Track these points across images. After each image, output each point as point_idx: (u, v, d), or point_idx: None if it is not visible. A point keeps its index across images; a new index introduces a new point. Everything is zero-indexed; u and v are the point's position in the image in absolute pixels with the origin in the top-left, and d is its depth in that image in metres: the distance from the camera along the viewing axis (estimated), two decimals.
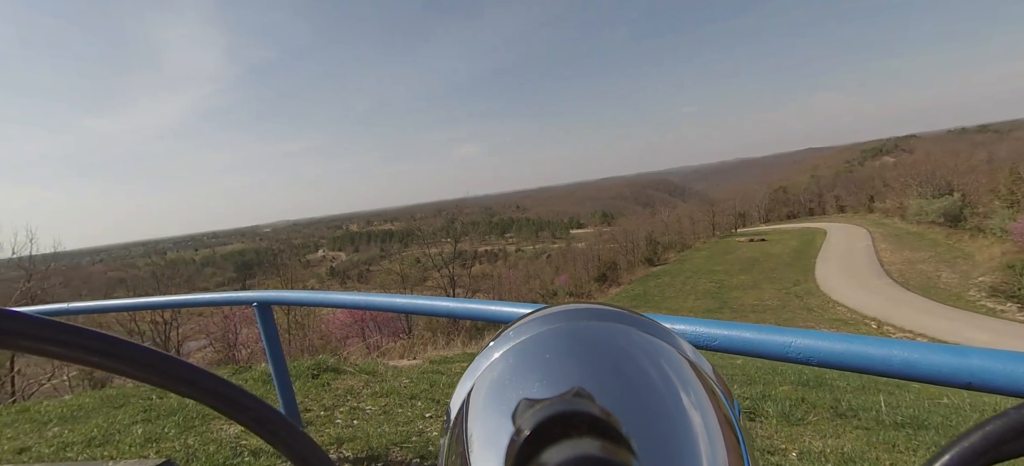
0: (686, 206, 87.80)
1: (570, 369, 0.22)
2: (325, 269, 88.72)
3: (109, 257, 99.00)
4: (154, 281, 29.14)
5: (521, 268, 50.61)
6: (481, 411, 0.22)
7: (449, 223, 42.17)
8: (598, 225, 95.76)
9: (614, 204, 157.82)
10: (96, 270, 44.05)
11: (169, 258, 67.99)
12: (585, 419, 0.13)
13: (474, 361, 0.27)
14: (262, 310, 2.24)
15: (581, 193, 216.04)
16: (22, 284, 16.31)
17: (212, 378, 0.28)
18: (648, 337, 0.25)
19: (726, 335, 1.01)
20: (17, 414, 4.02)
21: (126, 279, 32.66)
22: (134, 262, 62.75)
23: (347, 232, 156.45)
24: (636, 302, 28.18)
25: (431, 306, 1.82)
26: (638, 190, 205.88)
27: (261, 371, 4.50)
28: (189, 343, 21.49)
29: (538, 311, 0.29)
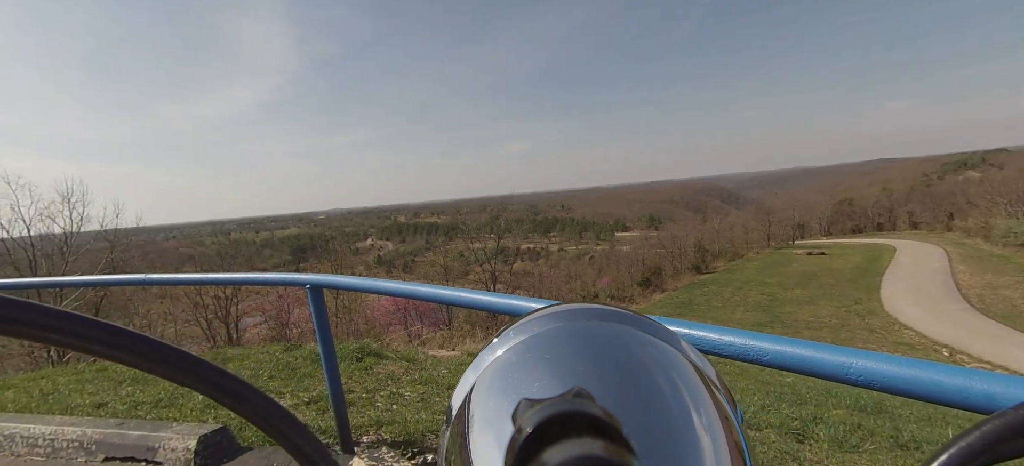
0: (739, 214, 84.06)
1: (571, 369, 0.22)
2: (373, 257, 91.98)
3: (181, 234, 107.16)
4: (218, 259, 31.33)
5: (563, 268, 50.28)
6: (482, 409, 0.22)
7: (493, 219, 42.52)
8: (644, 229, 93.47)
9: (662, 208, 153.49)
10: (169, 246, 47.79)
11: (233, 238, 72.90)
12: (585, 419, 0.13)
13: (477, 357, 0.27)
14: (314, 293, 2.35)
15: (628, 196, 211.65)
16: (107, 254, 17.97)
17: (216, 371, 0.27)
18: (651, 339, 0.25)
19: (778, 350, 0.95)
20: (97, 372, 4.43)
21: (194, 256, 35.25)
22: (202, 240, 67.67)
23: (395, 223, 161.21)
24: (681, 310, 27.33)
25: (472, 299, 1.84)
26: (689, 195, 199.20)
27: (310, 350, 4.73)
28: (246, 319, 22.94)
29: (541, 310, 0.29)
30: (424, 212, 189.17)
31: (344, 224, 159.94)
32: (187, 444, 2.47)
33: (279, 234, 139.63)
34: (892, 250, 39.33)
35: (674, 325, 1.11)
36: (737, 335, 1.02)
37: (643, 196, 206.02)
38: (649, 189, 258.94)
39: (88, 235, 17.63)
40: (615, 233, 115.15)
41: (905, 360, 0.85)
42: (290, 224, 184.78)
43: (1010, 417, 0.20)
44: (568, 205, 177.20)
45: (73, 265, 16.27)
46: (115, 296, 17.66)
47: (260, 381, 3.74)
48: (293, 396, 3.42)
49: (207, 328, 21.11)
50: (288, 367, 4.15)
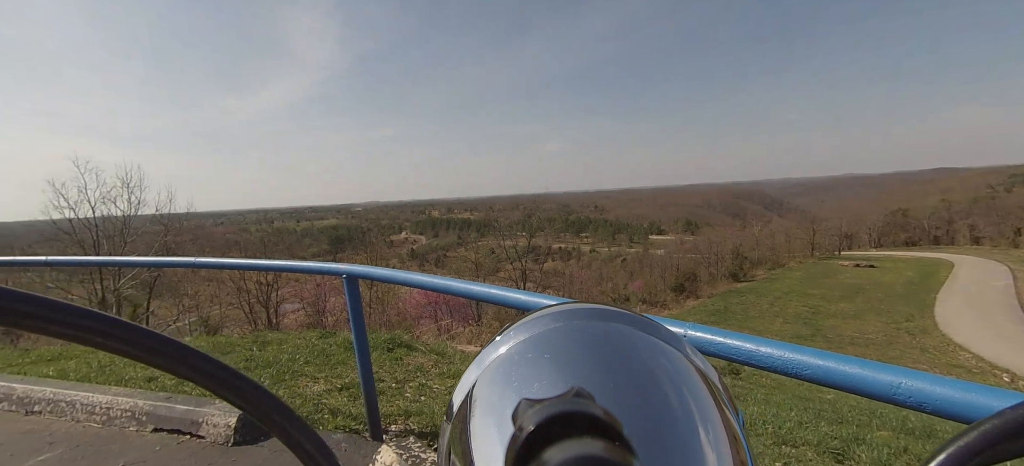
0: (782, 221, 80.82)
1: (572, 368, 0.22)
2: (406, 251, 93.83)
3: (228, 221, 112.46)
4: (262, 246, 32.72)
5: (594, 269, 49.76)
6: (483, 406, 0.22)
7: (526, 217, 42.52)
8: (680, 233, 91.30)
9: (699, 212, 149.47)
10: (217, 231, 50.27)
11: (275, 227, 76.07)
12: (586, 419, 0.13)
13: (479, 354, 0.27)
14: (350, 282, 2.41)
15: (664, 198, 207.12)
16: (161, 237, 19.08)
17: (219, 365, 0.27)
18: (653, 340, 0.25)
19: (820, 365, 0.91)
20: None
21: (240, 242, 36.96)
22: (247, 227, 70.82)
23: (429, 218, 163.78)
24: (715, 318, 26.55)
25: (501, 296, 1.85)
26: (728, 200, 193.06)
27: (344, 338, 4.87)
28: (285, 305, 23.87)
29: (545, 309, 0.29)
30: (457, 208, 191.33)
31: (380, 217, 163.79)
32: (228, 421, 2.60)
33: (318, 224, 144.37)
34: (949, 265, 36.87)
35: (711, 333, 1.08)
36: (776, 347, 0.98)
37: (679, 199, 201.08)
38: (686, 192, 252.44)
39: (144, 218, 18.78)
40: (649, 236, 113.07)
41: (961, 383, 0.79)
42: (329, 215, 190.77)
43: (1008, 417, 0.20)
44: (602, 206, 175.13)
45: (131, 246, 17.38)
46: (167, 277, 18.73)
47: (296, 365, 3.88)
48: (326, 381, 3.53)
49: (249, 312, 22.10)
50: (323, 353, 4.29)
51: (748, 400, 5.10)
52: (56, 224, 16.45)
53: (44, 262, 3.91)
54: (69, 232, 16.50)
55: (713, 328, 1.09)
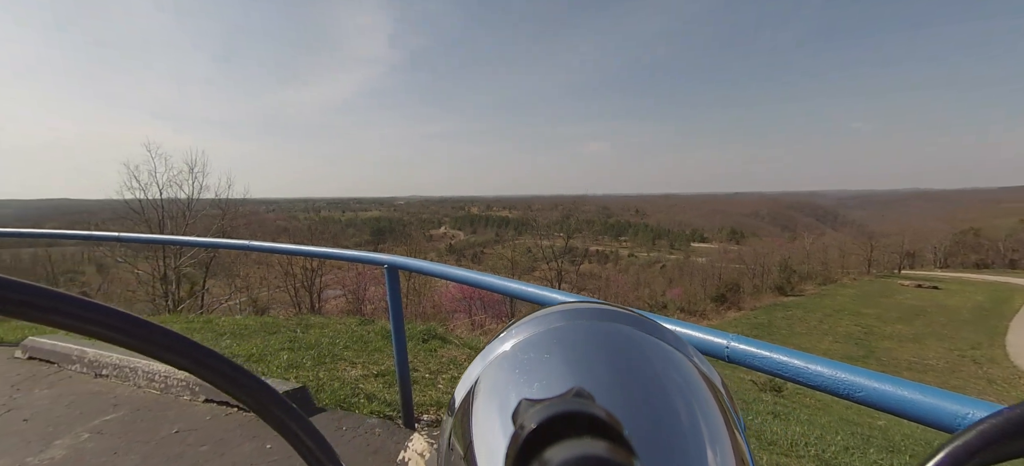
0: (836, 235, 76.40)
1: (574, 368, 0.22)
2: (445, 245, 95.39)
3: (278, 208, 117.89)
4: (309, 233, 34.14)
5: (632, 274, 48.84)
6: (485, 403, 0.22)
7: (564, 218, 42.25)
8: (724, 242, 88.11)
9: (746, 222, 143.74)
10: (268, 217, 52.79)
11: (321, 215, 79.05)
12: (586, 419, 0.13)
13: (483, 350, 0.27)
14: (391, 273, 2.48)
15: (708, 205, 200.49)
16: (219, 220, 20.26)
17: (218, 357, 0.27)
18: (657, 341, 0.25)
19: (875, 387, 0.85)
20: (203, 323, 5.02)
21: (288, 228, 38.72)
22: (295, 214, 74.04)
23: (468, 214, 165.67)
24: (758, 332, 25.47)
25: (536, 294, 1.84)
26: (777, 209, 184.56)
27: (381, 327, 5.01)
28: (327, 291, 24.83)
29: (551, 308, 0.29)
30: (496, 205, 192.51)
31: (421, 211, 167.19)
32: None
33: (362, 215, 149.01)
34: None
35: (755, 346, 1.04)
36: (827, 365, 0.93)
37: (725, 207, 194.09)
38: (732, 200, 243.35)
39: (205, 202, 19.99)
40: (691, 243, 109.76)
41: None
42: (372, 207, 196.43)
43: (1006, 416, 0.19)
44: (643, 210, 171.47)
45: (191, 227, 18.54)
46: (222, 257, 19.85)
47: (336, 349, 4.03)
48: (363, 367, 3.65)
49: (294, 295, 23.13)
50: (361, 339, 4.43)
51: (790, 419, 4.87)
52: (127, 203, 17.78)
53: (116, 237, 4.24)
54: (138, 211, 17.80)
55: (757, 341, 1.05)
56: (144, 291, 16.84)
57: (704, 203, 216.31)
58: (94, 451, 2.34)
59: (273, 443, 2.46)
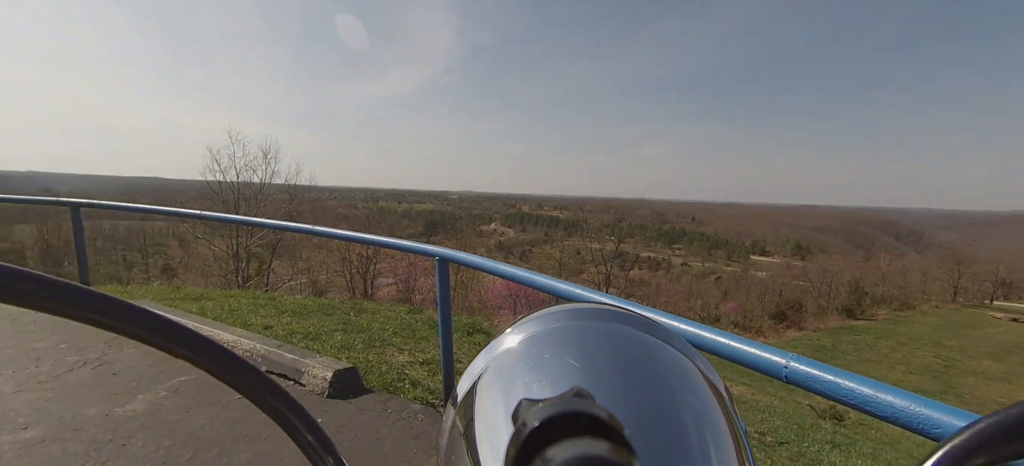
0: (918, 257, 69.93)
1: (575, 368, 0.22)
2: (494, 242, 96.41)
3: (340, 196, 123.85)
4: (366, 221, 35.70)
5: (684, 283, 47.09)
6: (487, 401, 0.22)
7: (616, 221, 41.50)
8: (787, 256, 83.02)
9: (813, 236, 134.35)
10: (331, 205, 55.63)
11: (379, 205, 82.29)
12: (586, 419, 0.14)
13: (488, 345, 0.27)
14: (441, 265, 2.54)
15: (773, 217, 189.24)
16: (286, 204, 21.60)
17: (219, 348, 0.26)
18: (660, 343, 0.25)
19: (959, 427, 0.78)
20: (268, 300, 5.37)
21: (348, 216, 40.67)
22: (355, 203, 77.55)
23: (519, 211, 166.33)
24: (820, 355, 23.78)
25: (583, 296, 1.83)
26: (850, 225, 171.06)
27: (428, 317, 5.15)
28: (379, 278, 25.84)
29: (558, 306, 0.29)
30: (547, 205, 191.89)
31: (473, 206, 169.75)
32: (325, 375, 2.88)
33: (416, 207, 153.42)
34: None
35: (818, 368, 0.97)
36: (903, 397, 0.85)
37: (791, 219, 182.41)
38: (799, 212, 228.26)
39: (275, 187, 21.40)
40: (751, 256, 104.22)
41: None
42: (427, 200, 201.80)
43: (1003, 416, 0.19)
44: (700, 218, 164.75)
45: (262, 209, 19.90)
46: (287, 240, 21.13)
47: (386, 335, 4.18)
48: (410, 354, 3.76)
49: (349, 280, 24.26)
50: (409, 327, 4.58)
51: (851, 451, 4.52)
52: (208, 184, 19.38)
53: (197, 215, 4.63)
54: (217, 192, 19.35)
55: (820, 363, 0.98)
56: (218, 266, 18.26)
57: (768, 214, 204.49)
58: (170, 408, 2.57)
59: (324, 417, 2.59)
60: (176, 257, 27.32)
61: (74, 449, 2.16)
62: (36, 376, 2.84)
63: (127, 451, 2.16)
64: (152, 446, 2.22)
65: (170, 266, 26.75)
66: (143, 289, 6.00)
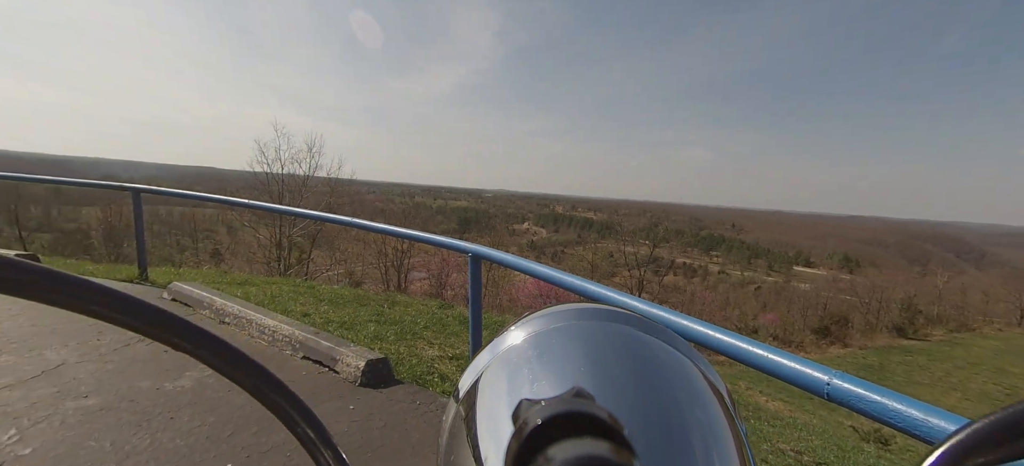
0: (980, 275, 65.13)
1: (576, 368, 0.22)
2: (526, 241, 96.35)
3: (378, 190, 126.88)
4: (403, 216, 36.43)
5: (720, 292, 45.65)
6: (488, 399, 0.22)
7: (652, 225, 40.69)
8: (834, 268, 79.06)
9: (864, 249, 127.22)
10: (369, 198, 57.11)
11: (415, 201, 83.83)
12: (586, 419, 0.14)
13: (491, 342, 0.27)
14: (474, 261, 2.57)
15: (819, 227, 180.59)
16: (327, 197, 22.33)
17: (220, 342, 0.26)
18: (660, 344, 0.25)
19: None
20: (307, 288, 5.57)
21: (385, 210, 41.64)
22: (392, 198, 79.31)
23: (552, 212, 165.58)
24: (867, 374, 22.44)
25: (617, 300, 1.80)
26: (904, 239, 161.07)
27: (459, 313, 5.21)
28: (413, 273, 26.33)
29: (562, 306, 0.29)
30: (581, 206, 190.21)
31: (507, 205, 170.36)
32: (358, 363, 2.96)
33: (451, 204, 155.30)
34: None
35: (862, 387, 0.93)
36: (956, 421, 0.80)
37: (839, 231, 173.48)
38: (849, 224, 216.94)
39: (317, 179, 22.15)
40: (794, 267, 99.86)
41: None
42: (461, 197, 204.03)
43: (999, 417, 0.19)
44: (740, 225, 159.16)
45: (305, 201, 20.64)
46: (327, 231, 21.83)
47: (417, 328, 4.26)
48: (440, 348, 3.82)
49: (384, 273, 24.85)
50: (440, 322, 4.64)
51: None
52: (256, 175, 20.29)
53: (245, 204, 4.85)
54: (264, 183, 20.22)
55: (866, 382, 0.93)
56: (262, 254, 19.08)
57: (814, 224, 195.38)
58: (213, 386, 2.71)
59: (356, 404, 2.67)
60: (224, 243, 28.72)
61: (128, 419, 2.31)
62: (97, 349, 3.06)
63: (174, 424, 2.29)
64: (197, 421, 2.35)
65: (218, 251, 28.14)
66: (193, 272, 6.35)
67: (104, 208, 32.78)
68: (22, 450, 2.02)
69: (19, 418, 2.23)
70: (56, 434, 2.14)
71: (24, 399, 2.39)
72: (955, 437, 0.19)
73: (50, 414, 2.28)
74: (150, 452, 2.06)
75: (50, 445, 2.06)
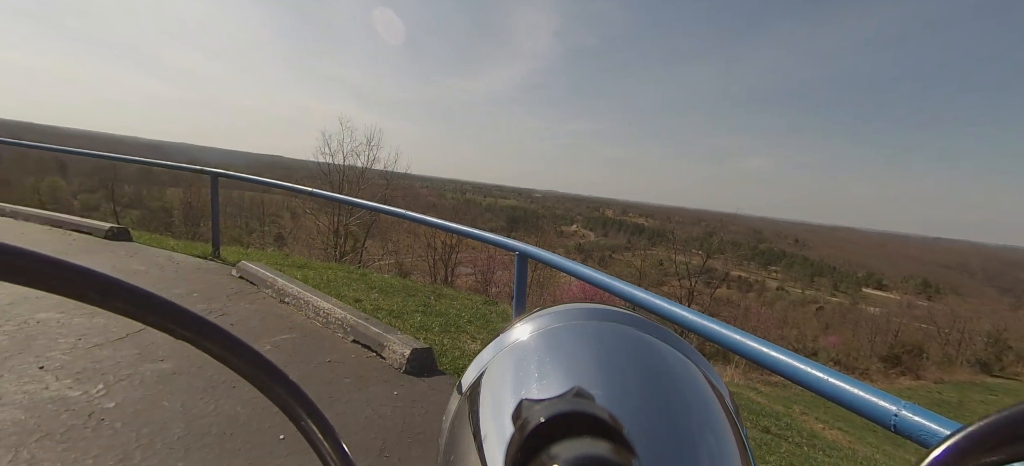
0: None
1: (578, 367, 0.22)
2: (573, 243, 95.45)
3: (430, 185, 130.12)
4: (453, 212, 37.17)
5: (778, 309, 43.10)
6: (491, 396, 0.22)
7: (706, 235, 39.11)
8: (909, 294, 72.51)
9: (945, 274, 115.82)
10: (422, 192, 58.66)
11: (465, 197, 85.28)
12: (587, 419, 0.14)
13: (496, 339, 0.28)
14: (521, 260, 2.58)
15: (893, 247, 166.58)
16: (383, 189, 23.21)
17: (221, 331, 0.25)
18: (662, 345, 0.25)
19: None
20: (360, 275, 5.80)
21: (436, 205, 42.72)
22: (444, 193, 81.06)
23: (602, 215, 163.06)
24: (943, 409, 20.25)
25: (665, 309, 1.75)
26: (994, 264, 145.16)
27: (503, 310, 5.25)
28: (459, 268, 26.81)
29: (562, 306, 0.29)
30: (632, 211, 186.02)
31: (556, 206, 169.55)
32: (403, 351, 3.06)
33: (500, 202, 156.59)
34: None
35: (935, 421, 0.85)
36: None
37: (917, 252, 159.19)
38: (929, 246, 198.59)
39: (375, 172, 23.10)
40: (862, 288, 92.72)
41: None
42: (511, 196, 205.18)
43: (995, 419, 0.19)
44: (804, 240, 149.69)
45: (362, 192, 21.56)
46: (380, 222, 22.69)
47: (461, 322, 4.34)
48: (482, 343, 3.83)
49: (432, 266, 25.47)
50: (483, 317, 4.70)
51: None
52: (319, 165, 21.44)
53: (309, 192, 5.13)
54: (326, 173, 21.34)
55: (941, 417, 0.86)
56: (321, 240, 20.12)
57: (888, 244, 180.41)
58: (272, 360, 2.89)
59: (400, 390, 2.76)
60: (287, 228, 30.50)
61: (196, 384, 2.51)
62: None
63: (235, 393, 2.47)
64: (255, 391, 2.51)
65: (281, 235, 29.95)
66: (259, 253, 6.79)
67: (185, 189, 35.74)
68: (107, 403, 2.25)
69: (106, 375, 2.49)
70: (136, 392, 2.37)
71: (111, 358, 2.66)
72: (950, 439, 0.19)
73: (131, 373, 2.53)
74: (214, 416, 2.23)
75: (130, 402, 2.28)
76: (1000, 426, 0.18)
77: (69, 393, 2.29)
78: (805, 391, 1.20)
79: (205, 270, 4.62)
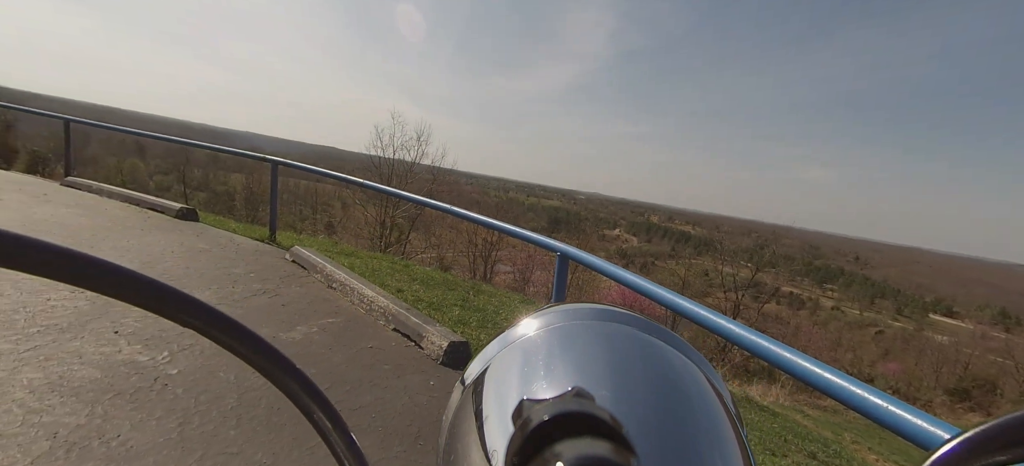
0: None
1: (579, 367, 0.22)
2: (615, 248, 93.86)
3: (475, 182, 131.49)
4: (495, 210, 37.50)
5: (832, 330, 40.62)
6: (493, 393, 0.22)
7: (757, 247, 37.40)
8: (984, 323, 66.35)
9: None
10: (466, 189, 59.35)
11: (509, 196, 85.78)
12: (587, 419, 0.14)
13: (501, 336, 0.28)
14: (562, 261, 2.57)
15: (967, 271, 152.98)
16: (429, 183, 23.75)
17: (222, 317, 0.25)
18: (662, 345, 0.25)
19: None
20: (403, 267, 5.97)
21: (480, 202, 43.23)
22: (487, 191, 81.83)
23: (647, 221, 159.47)
24: None
25: (709, 320, 1.70)
26: None
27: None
28: (499, 265, 27.01)
29: (565, 305, 0.29)
30: (679, 218, 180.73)
31: (599, 209, 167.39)
32: (441, 343, 3.12)
33: (544, 202, 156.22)
34: None
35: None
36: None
37: (995, 278, 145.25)
38: (1008, 271, 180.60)
39: (422, 166, 23.69)
40: (929, 314, 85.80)
41: None
42: (554, 197, 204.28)
43: (993, 423, 0.19)
44: (865, 259, 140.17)
45: (409, 185, 22.16)
46: (425, 215, 23.21)
47: (499, 319, 4.37)
48: None
49: (472, 262, 25.80)
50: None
51: None
52: (370, 158, 22.24)
53: (360, 183, 5.33)
54: (376, 166, 22.09)
55: None
56: (368, 230, 20.84)
57: (961, 268, 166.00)
58: (318, 343, 3.02)
59: (436, 381, 2.82)
60: (337, 217, 31.81)
61: None
62: (231, 295, 3.57)
63: None
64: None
65: (332, 224, 31.26)
66: (311, 240, 7.12)
67: (248, 175, 37.96)
68: (171, 370, 2.43)
69: (171, 343, 2.69)
70: (196, 361, 2.54)
71: (175, 327, 2.87)
72: (947, 444, 0.20)
73: (193, 344, 2.72)
74: (263, 391, 2.37)
75: (190, 371, 2.46)
76: (1005, 429, 0.18)
77: (138, 357, 2.50)
78: (858, 419, 1.13)
79: (261, 252, 4.89)
